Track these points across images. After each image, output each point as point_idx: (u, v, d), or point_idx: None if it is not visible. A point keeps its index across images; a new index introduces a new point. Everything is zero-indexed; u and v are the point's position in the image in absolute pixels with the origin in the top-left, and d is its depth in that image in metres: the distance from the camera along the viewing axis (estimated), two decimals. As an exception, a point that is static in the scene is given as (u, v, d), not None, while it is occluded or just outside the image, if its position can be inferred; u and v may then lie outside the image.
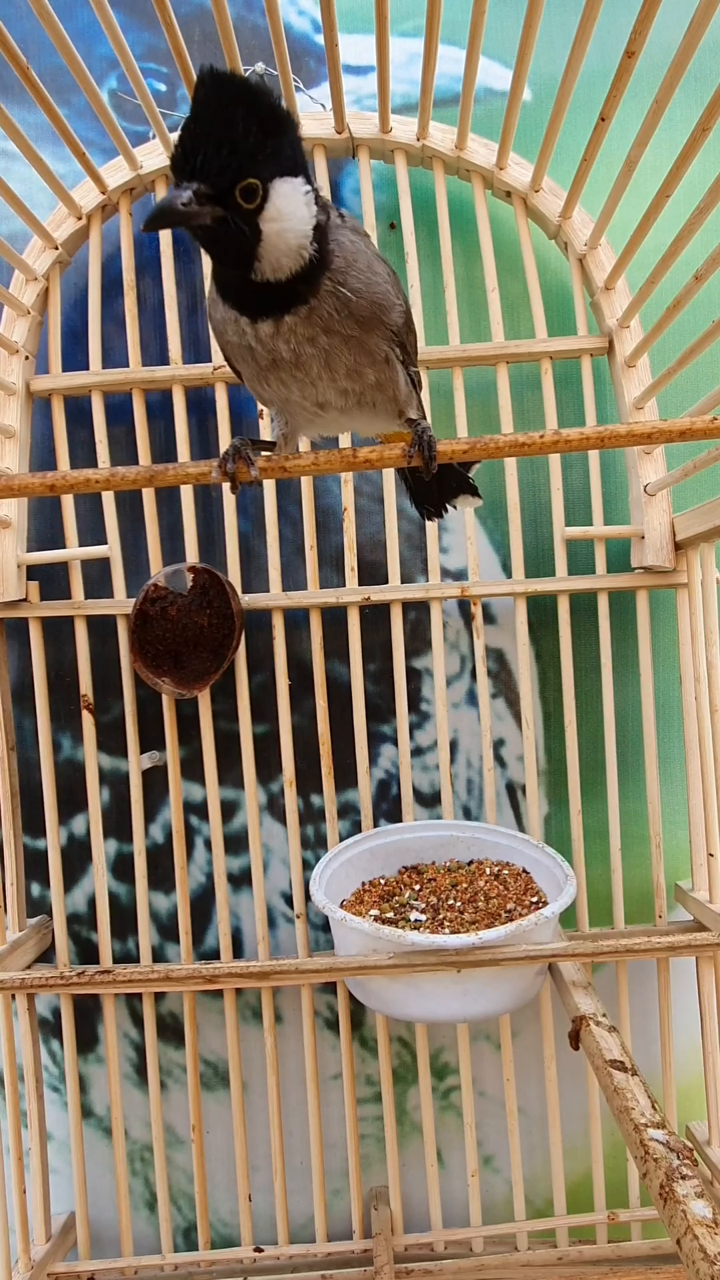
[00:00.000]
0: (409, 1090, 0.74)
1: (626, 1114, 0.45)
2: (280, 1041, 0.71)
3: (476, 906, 0.61)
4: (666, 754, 0.72)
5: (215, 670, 0.66)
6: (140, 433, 0.69)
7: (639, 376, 0.67)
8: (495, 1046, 0.73)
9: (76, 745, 0.73)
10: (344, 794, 0.72)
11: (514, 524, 0.69)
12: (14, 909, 0.68)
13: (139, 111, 0.61)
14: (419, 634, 0.73)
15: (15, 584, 0.66)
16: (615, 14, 0.51)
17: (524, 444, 0.45)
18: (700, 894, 0.67)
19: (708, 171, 0.49)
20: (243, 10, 0.71)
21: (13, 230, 0.69)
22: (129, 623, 0.66)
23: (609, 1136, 0.71)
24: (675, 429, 0.44)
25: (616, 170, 0.56)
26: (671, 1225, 0.37)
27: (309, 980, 0.59)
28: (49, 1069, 0.73)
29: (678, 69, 0.45)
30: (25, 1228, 0.66)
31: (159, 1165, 0.70)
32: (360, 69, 0.71)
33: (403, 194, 0.69)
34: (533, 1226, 0.69)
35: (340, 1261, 0.69)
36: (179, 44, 0.53)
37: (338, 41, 0.56)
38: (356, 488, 0.72)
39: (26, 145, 0.56)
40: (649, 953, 0.57)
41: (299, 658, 0.71)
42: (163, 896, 0.73)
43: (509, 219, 0.70)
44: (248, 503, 0.72)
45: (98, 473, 0.45)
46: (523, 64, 0.55)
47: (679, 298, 0.54)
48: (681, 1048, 0.70)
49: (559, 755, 0.72)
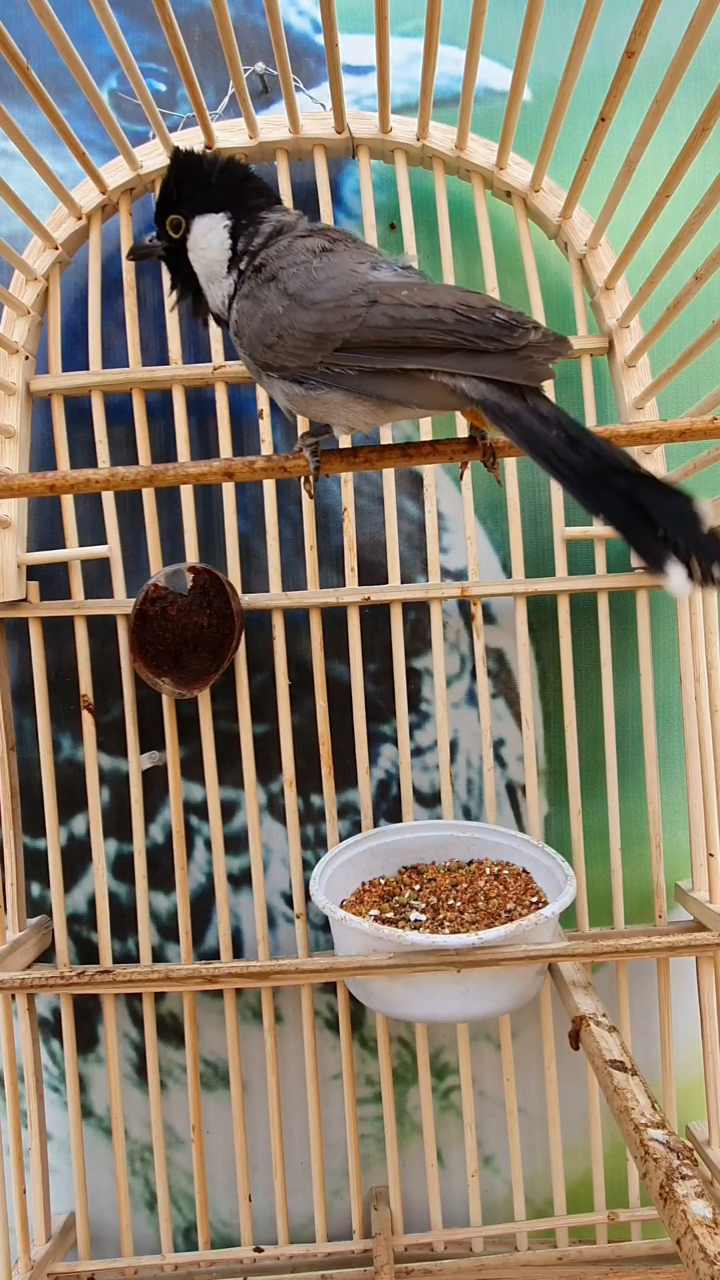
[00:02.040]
0: (409, 1090, 0.74)
1: (626, 1114, 0.45)
2: (280, 1041, 0.71)
3: (476, 906, 0.61)
4: (666, 754, 0.72)
5: (215, 670, 0.66)
6: (140, 433, 0.69)
7: (639, 376, 0.67)
8: (495, 1046, 0.73)
9: (76, 745, 0.73)
10: (344, 794, 0.72)
11: (514, 524, 0.69)
12: (14, 909, 0.68)
13: (139, 111, 0.61)
14: (419, 634, 0.73)
15: (15, 584, 0.66)
16: (615, 14, 0.51)
17: (524, 444, 0.45)
18: (700, 894, 0.67)
19: (708, 171, 0.49)
20: (243, 10, 0.71)
21: (13, 230, 0.69)
22: (129, 623, 0.66)
23: (609, 1136, 0.71)
24: (675, 429, 0.44)
25: (616, 170, 0.56)
26: (671, 1225, 0.37)
27: (309, 980, 0.59)
28: (49, 1069, 0.73)
29: (678, 69, 0.45)
30: (25, 1228, 0.65)
31: (159, 1165, 0.70)
32: (360, 69, 0.71)
33: (403, 194, 0.69)
34: (533, 1226, 0.69)
35: (340, 1261, 0.69)
36: (179, 44, 0.53)
37: (338, 41, 0.56)
38: (356, 488, 0.72)
39: (26, 145, 0.56)
40: (649, 953, 0.57)
41: (299, 658, 0.71)
42: (163, 896, 0.73)
43: (509, 219, 0.70)
44: (247, 503, 0.72)
45: (98, 473, 0.45)
46: (523, 64, 0.55)
47: (679, 298, 0.54)
48: (681, 1048, 0.71)
49: (559, 755, 0.72)
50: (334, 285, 0.42)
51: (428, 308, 0.40)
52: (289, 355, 0.43)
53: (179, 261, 0.49)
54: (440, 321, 0.39)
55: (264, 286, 0.45)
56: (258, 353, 0.45)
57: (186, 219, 0.48)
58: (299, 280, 0.43)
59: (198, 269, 0.48)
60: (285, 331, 0.43)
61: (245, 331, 0.45)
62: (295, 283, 0.43)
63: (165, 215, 0.48)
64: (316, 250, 0.45)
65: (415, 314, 0.40)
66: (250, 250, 0.47)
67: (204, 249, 0.48)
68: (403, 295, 0.41)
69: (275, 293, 0.44)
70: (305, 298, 0.42)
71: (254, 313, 0.45)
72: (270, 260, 0.46)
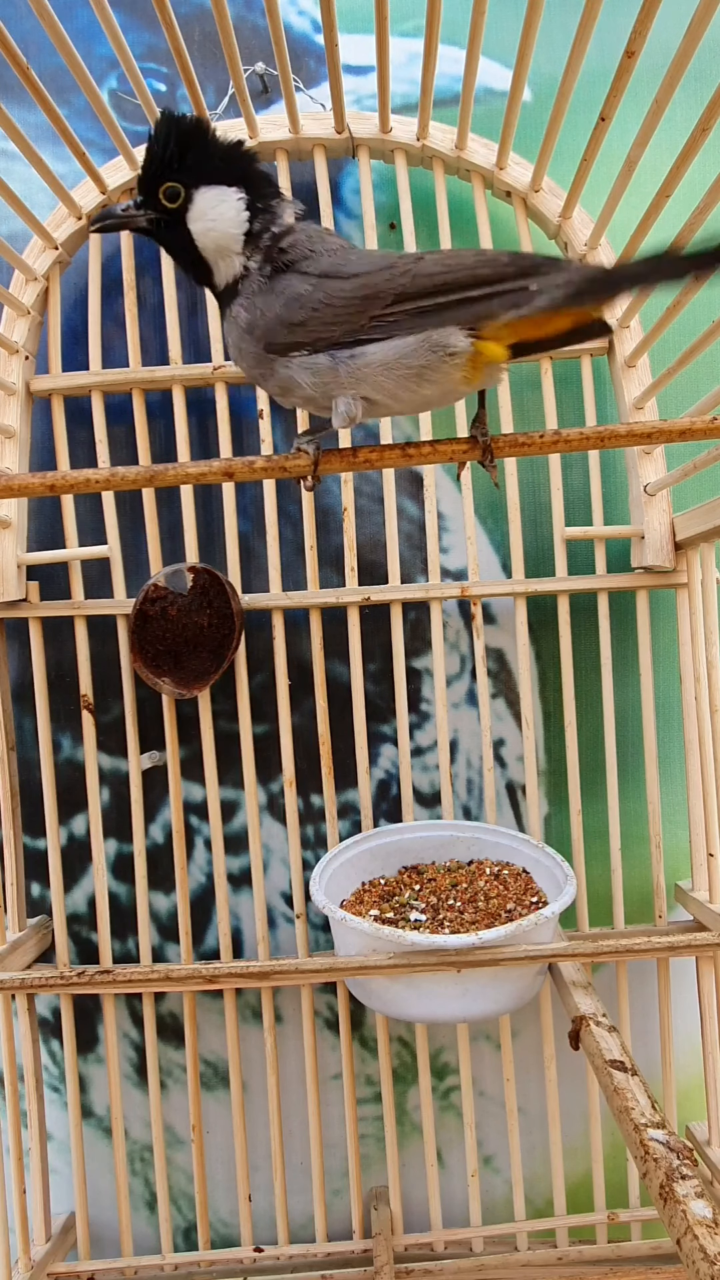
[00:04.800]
0: (409, 1090, 0.74)
1: (626, 1114, 0.45)
2: (280, 1041, 0.71)
3: (476, 906, 0.61)
4: (666, 754, 0.72)
5: (215, 670, 0.66)
6: (140, 433, 0.69)
7: (639, 376, 0.67)
8: (495, 1046, 0.73)
9: (76, 745, 0.73)
10: (344, 794, 0.72)
11: (514, 524, 0.69)
12: (14, 909, 0.68)
13: (139, 111, 0.61)
14: (419, 634, 0.73)
15: (15, 584, 0.66)
16: (615, 14, 0.51)
17: (524, 444, 0.45)
18: (700, 894, 0.67)
19: (708, 171, 0.49)
20: (243, 10, 0.71)
21: (13, 230, 0.69)
22: (129, 623, 0.66)
23: (609, 1136, 0.71)
24: (675, 429, 0.44)
25: (616, 170, 0.56)
26: (671, 1225, 0.37)
27: (309, 980, 0.59)
28: (49, 1069, 0.73)
29: (678, 69, 0.45)
30: (25, 1228, 0.65)
31: (159, 1165, 0.70)
32: (360, 69, 0.71)
33: (403, 194, 0.69)
34: (533, 1226, 0.69)
35: (340, 1261, 0.69)
36: (179, 44, 0.53)
37: (338, 41, 0.56)
38: (356, 488, 0.72)
39: (26, 145, 0.56)
40: (649, 953, 0.57)
41: (299, 658, 0.71)
42: (163, 896, 0.73)
43: (509, 219, 0.70)
44: (247, 503, 0.72)
45: (98, 473, 0.45)
46: (523, 64, 0.55)
47: (679, 298, 0.54)
48: (681, 1048, 0.71)
49: (559, 755, 0.72)
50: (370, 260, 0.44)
51: (476, 255, 0.43)
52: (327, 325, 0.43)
53: (172, 234, 0.46)
54: (496, 260, 0.42)
55: (280, 278, 0.45)
56: (280, 335, 0.44)
57: (186, 188, 0.45)
58: (327, 263, 0.44)
59: (203, 242, 0.46)
60: (321, 304, 0.43)
61: (261, 320, 0.45)
62: (322, 265, 0.44)
63: (158, 182, 0.45)
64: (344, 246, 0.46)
65: (469, 259, 0.42)
66: (272, 232, 0.46)
67: (213, 221, 0.45)
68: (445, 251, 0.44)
69: (298, 278, 0.44)
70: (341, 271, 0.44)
71: (271, 303, 0.44)
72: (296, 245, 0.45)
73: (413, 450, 0.45)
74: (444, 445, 0.45)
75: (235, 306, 0.46)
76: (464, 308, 0.41)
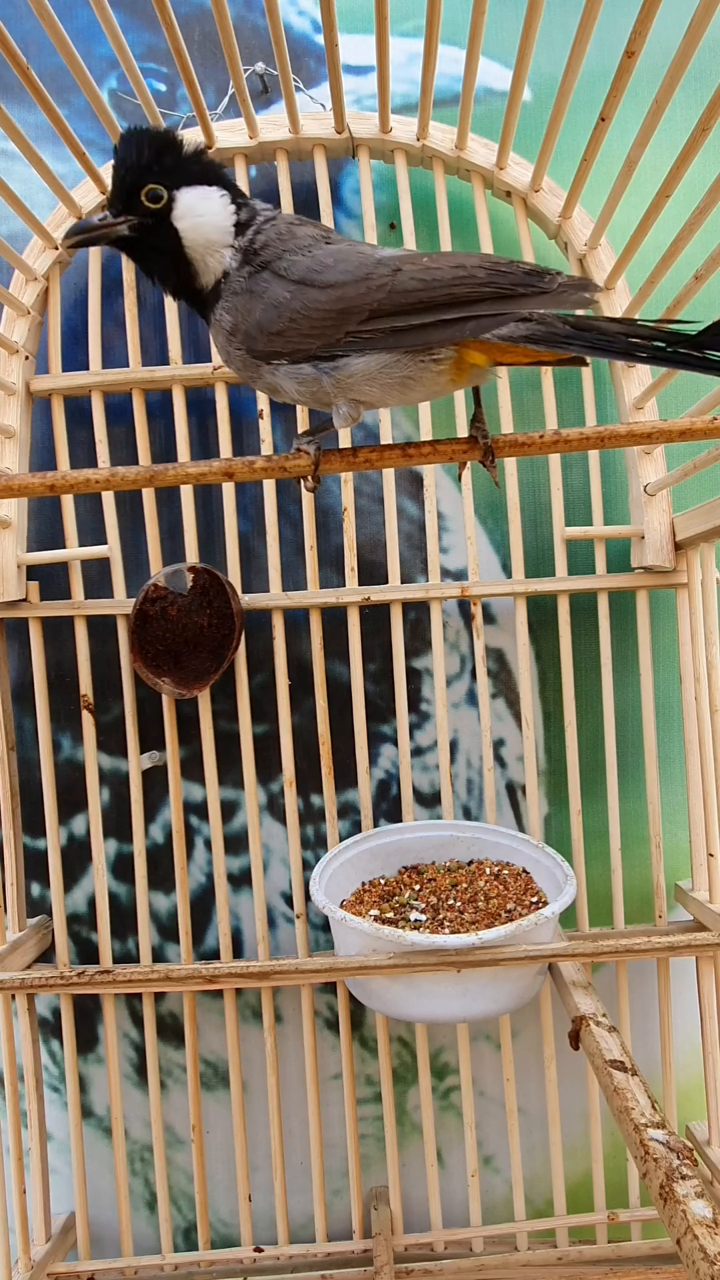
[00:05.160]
0: (409, 1090, 0.74)
1: (626, 1114, 0.45)
2: (280, 1041, 0.71)
3: (476, 906, 0.61)
4: (666, 754, 0.72)
5: (215, 670, 0.66)
6: (140, 433, 0.69)
7: (639, 376, 0.67)
8: (495, 1046, 0.73)
9: (76, 745, 0.73)
10: (344, 794, 0.72)
11: (514, 524, 0.69)
12: (14, 909, 0.68)
13: (139, 111, 0.61)
14: (419, 634, 0.73)
15: (15, 584, 0.66)
16: (615, 14, 0.51)
17: (524, 444, 0.45)
18: (700, 894, 0.67)
19: (708, 171, 0.49)
20: (243, 10, 0.71)
21: (13, 230, 0.69)
22: (129, 623, 0.66)
23: (609, 1136, 0.71)
24: (675, 429, 0.44)
25: (616, 170, 0.56)
26: (671, 1225, 0.37)
27: (309, 980, 0.59)
28: (49, 1069, 0.73)
29: (678, 69, 0.45)
30: (25, 1228, 0.65)
31: (159, 1165, 0.70)
32: (360, 69, 0.71)
33: (403, 194, 0.69)
34: (533, 1226, 0.69)
35: (340, 1261, 0.69)
36: (179, 44, 0.53)
37: (338, 41, 0.56)
38: (356, 488, 0.72)
39: (26, 145, 0.56)
40: (649, 953, 0.57)
41: (299, 658, 0.71)
42: (163, 896, 0.73)
43: (509, 219, 0.70)
44: (247, 503, 0.72)
45: (98, 473, 0.45)
46: (523, 64, 0.55)
47: (679, 298, 0.54)
48: (681, 1048, 0.71)
49: (559, 755, 0.72)
50: (347, 266, 0.43)
51: (455, 268, 0.41)
52: (304, 337, 0.43)
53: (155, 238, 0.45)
54: (473, 276, 0.41)
55: (258, 277, 0.44)
56: (260, 343, 0.44)
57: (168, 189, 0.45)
58: (303, 265, 0.44)
59: (192, 239, 0.45)
60: (298, 315, 0.43)
61: (243, 325, 0.45)
62: (299, 269, 0.43)
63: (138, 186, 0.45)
64: (318, 238, 0.45)
65: (445, 274, 0.41)
66: (255, 225, 0.46)
67: (201, 216, 0.45)
68: (425, 261, 0.42)
69: (276, 280, 0.44)
70: (317, 279, 0.43)
71: (251, 306, 0.44)
72: (272, 243, 0.45)
73: (413, 450, 0.45)
74: (444, 445, 0.45)
75: (219, 310, 0.46)
76: (436, 330, 0.41)
